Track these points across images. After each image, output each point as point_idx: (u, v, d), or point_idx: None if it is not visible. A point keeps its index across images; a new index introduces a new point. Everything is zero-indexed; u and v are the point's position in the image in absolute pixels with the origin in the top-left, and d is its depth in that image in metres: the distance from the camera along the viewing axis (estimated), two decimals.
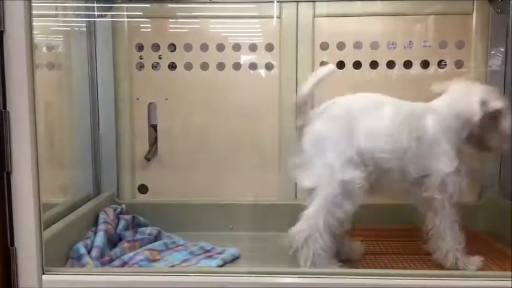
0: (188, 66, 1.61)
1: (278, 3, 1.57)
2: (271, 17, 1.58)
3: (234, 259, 1.38)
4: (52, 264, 1.04)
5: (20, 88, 0.96)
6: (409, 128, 1.18)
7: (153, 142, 1.65)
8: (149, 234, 1.49)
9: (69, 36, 1.55)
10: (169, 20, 1.62)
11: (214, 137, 1.64)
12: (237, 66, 1.61)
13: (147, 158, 1.64)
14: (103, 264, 1.29)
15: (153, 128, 1.65)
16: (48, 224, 1.21)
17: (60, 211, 1.35)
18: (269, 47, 1.60)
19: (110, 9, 1.59)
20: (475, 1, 1.52)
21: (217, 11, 1.60)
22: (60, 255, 1.23)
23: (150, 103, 1.64)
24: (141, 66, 1.62)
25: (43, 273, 1.00)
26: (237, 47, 1.61)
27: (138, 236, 1.47)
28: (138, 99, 1.63)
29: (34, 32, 0.98)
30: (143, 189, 1.67)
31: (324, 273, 1.04)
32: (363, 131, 1.16)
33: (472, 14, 1.53)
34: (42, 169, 1.01)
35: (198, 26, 1.62)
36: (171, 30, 1.62)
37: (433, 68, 1.56)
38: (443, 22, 1.56)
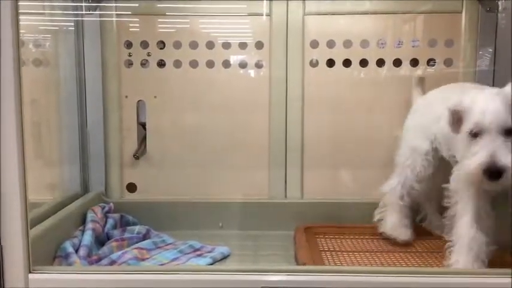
0: (177, 64, 1.60)
1: (268, 1, 1.56)
2: (261, 14, 1.57)
3: (224, 258, 1.38)
4: (39, 263, 1.03)
5: (6, 86, 0.95)
6: None
7: (142, 140, 1.64)
8: (138, 233, 1.48)
9: (56, 34, 1.53)
10: (159, 17, 1.61)
11: (204, 135, 1.63)
12: (226, 64, 1.60)
13: (136, 156, 1.63)
14: (91, 263, 1.28)
15: (142, 126, 1.64)
16: (35, 223, 1.19)
17: (47, 209, 1.34)
18: (259, 45, 1.59)
19: (97, 6, 1.57)
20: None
21: (206, 8, 1.59)
22: (47, 253, 1.22)
23: (139, 101, 1.62)
24: (129, 64, 1.61)
25: (30, 272, 0.98)
26: (226, 45, 1.60)
27: (127, 235, 1.45)
28: (126, 96, 1.62)
29: (21, 29, 0.96)
30: (132, 187, 1.66)
31: (314, 270, 1.03)
32: (433, 117, 1.29)
33: (461, 13, 1.53)
34: (30, 167, 1.00)
35: (188, 23, 1.61)
36: (160, 28, 1.61)
37: (422, 66, 1.56)
38: (433, 21, 1.56)
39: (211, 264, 1.32)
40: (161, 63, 1.61)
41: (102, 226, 1.45)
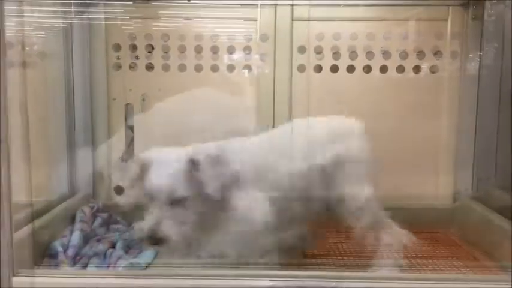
0: (166, 67, 1.60)
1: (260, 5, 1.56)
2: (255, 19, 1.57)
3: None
4: (26, 265, 1.03)
5: None
6: None
7: (130, 143, 1.64)
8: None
9: (45, 35, 1.53)
10: (148, 21, 1.60)
11: (193, 138, 1.62)
12: (214, 67, 1.60)
13: (124, 159, 1.62)
14: (79, 263, 1.27)
15: (130, 128, 1.63)
16: (22, 224, 1.19)
17: (34, 211, 1.33)
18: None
19: (86, 9, 1.57)
20: (450, 7, 1.53)
21: (196, 10, 1.59)
22: (35, 255, 1.21)
23: (127, 104, 1.62)
24: (118, 67, 1.61)
25: (13, 275, 0.98)
26: (215, 48, 1.59)
27: (110, 234, 1.46)
28: (114, 99, 1.62)
29: (9, 31, 0.96)
30: (119, 190, 1.65)
31: (306, 276, 1.02)
32: None
33: (447, 20, 1.54)
34: (16, 168, 0.99)
35: (177, 26, 1.61)
36: (150, 31, 1.60)
37: (408, 73, 1.56)
38: (419, 28, 1.56)
39: None
40: (150, 66, 1.61)
41: (90, 226, 1.45)
